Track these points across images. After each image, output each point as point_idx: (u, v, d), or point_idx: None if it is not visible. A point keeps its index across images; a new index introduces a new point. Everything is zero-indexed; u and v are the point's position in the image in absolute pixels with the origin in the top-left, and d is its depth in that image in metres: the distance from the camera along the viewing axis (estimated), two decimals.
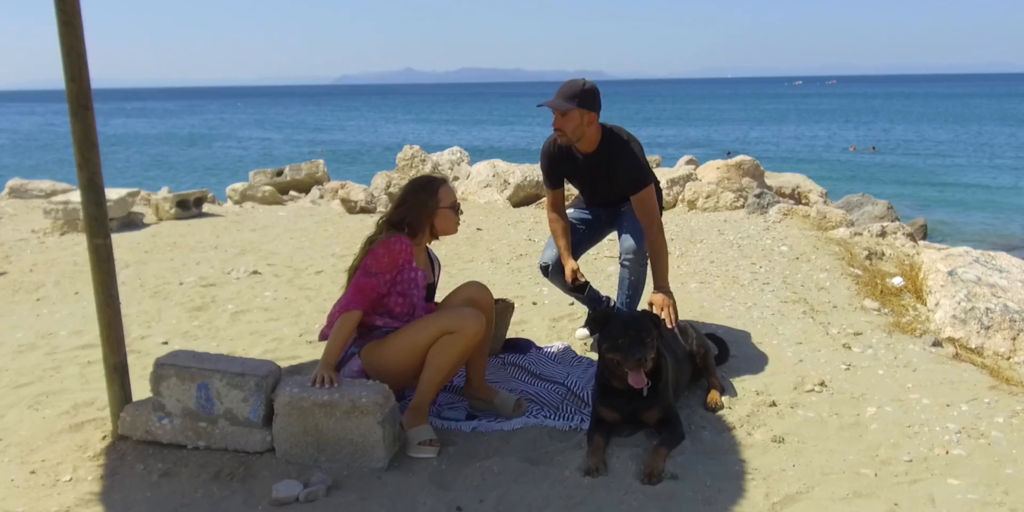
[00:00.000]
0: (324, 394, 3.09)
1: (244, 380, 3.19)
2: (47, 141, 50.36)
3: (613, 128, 4.03)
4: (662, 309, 3.74)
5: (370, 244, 3.34)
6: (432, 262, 3.60)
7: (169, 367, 3.26)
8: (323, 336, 3.40)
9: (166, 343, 4.52)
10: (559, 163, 4.18)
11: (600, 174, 4.08)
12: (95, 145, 3.29)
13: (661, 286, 3.89)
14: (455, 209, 3.45)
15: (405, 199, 3.39)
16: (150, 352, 4.27)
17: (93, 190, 3.31)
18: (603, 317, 3.32)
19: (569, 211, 4.41)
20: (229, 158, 38.55)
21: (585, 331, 4.48)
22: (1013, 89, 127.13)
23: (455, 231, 3.50)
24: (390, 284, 3.30)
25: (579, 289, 4.20)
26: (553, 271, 4.25)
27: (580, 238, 4.32)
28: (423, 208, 3.36)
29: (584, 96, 3.84)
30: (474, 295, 3.47)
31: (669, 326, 3.65)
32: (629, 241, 4.06)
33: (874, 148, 35.26)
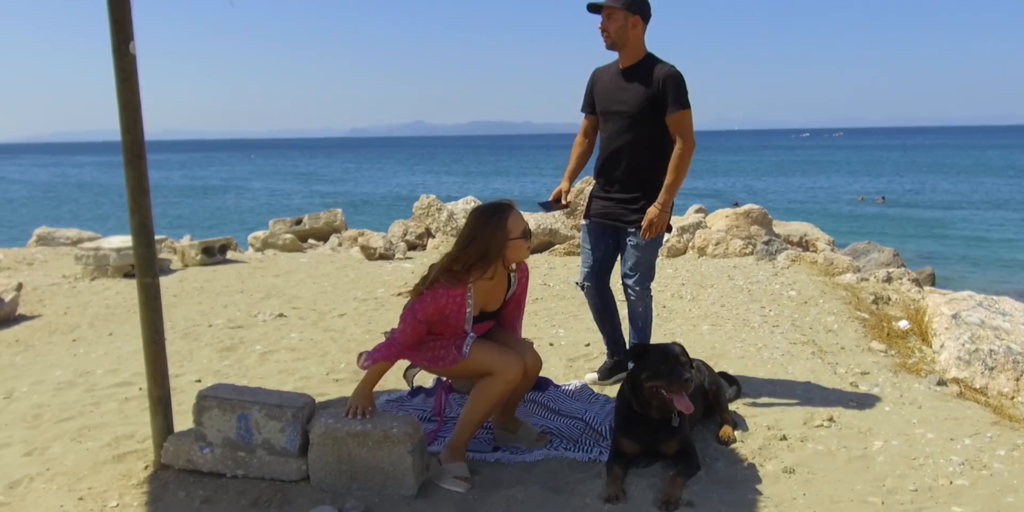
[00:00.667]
0: (357, 425, 3.27)
1: (282, 411, 3.37)
2: (65, 192, 51.32)
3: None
4: (649, 221, 3.95)
5: (429, 284, 3.36)
6: (510, 284, 3.54)
7: (211, 399, 3.45)
8: (367, 360, 3.45)
9: (199, 381, 4.71)
10: (599, 79, 4.27)
11: (634, 88, 4.06)
12: (147, 192, 3.54)
13: (661, 203, 4.02)
14: (526, 237, 3.35)
15: (474, 235, 3.29)
16: (184, 389, 4.46)
17: (144, 233, 3.54)
18: (641, 349, 3.50)
19: (583, 223, 4.47)
20: (241, 208, 39.19)
21: (595, 376, 4.59)
22: (1021, 141, 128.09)
23: (527, 257, 3.46)
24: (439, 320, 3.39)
25: (549, 207, 4.34)
26: (588, 290, 4.42)
27: (605, 252, 4.38)
28: (492, 242, 3.25)
29: (633, 0, 3.96)
30: (528, 362, 3.52)
31: (642, 234, 3.95)
32: (625, 268, 4.25)
33: (883, 198, 35.58)
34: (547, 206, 4.35)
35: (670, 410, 3.34)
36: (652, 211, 4.02)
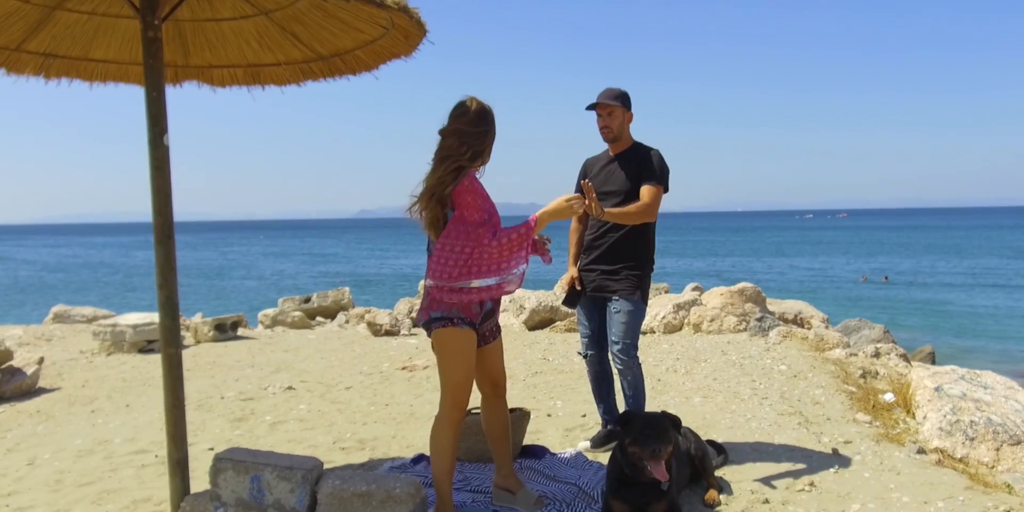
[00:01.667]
0: (362, 485, 3.50)
1: (292, 473, 3.61)
2: (73, 272, 51.99)
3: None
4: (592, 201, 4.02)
5: (458, 172, 3.44)
6: None
7: (227, 461, 3.69)
8: (428, 306, 3.53)
9: (211, 449, 4.95)
10: (591, 168, 4.72)
11: (626, 170, 4.52)
12: (174, 269, 3.90)
13: (609, 211, 4.20)
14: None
15: (488, 128, 3.53)
16: (197, 457, 4.68)
17: (170, 306, 3.88)
18: (628, 416, 3.76)
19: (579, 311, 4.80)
20: (250, 288, 39.63)
21: (587, 444, 4.81)
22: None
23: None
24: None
25: (572, 300, 4.65)
26: (590, 358, 4.73)
27: (599, 323, 4.68)
28: (492, 136, 3.56)
29: (625, 97, 4.51)
30: (497, 380, 3.81)
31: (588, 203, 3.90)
32: (611, 337, 4.53)
33: (886, 278, 35.89)
34: (571, 302, 4.72)
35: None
36: (608, 210, 4.21)
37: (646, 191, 4.43)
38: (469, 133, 3.47)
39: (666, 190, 4.54)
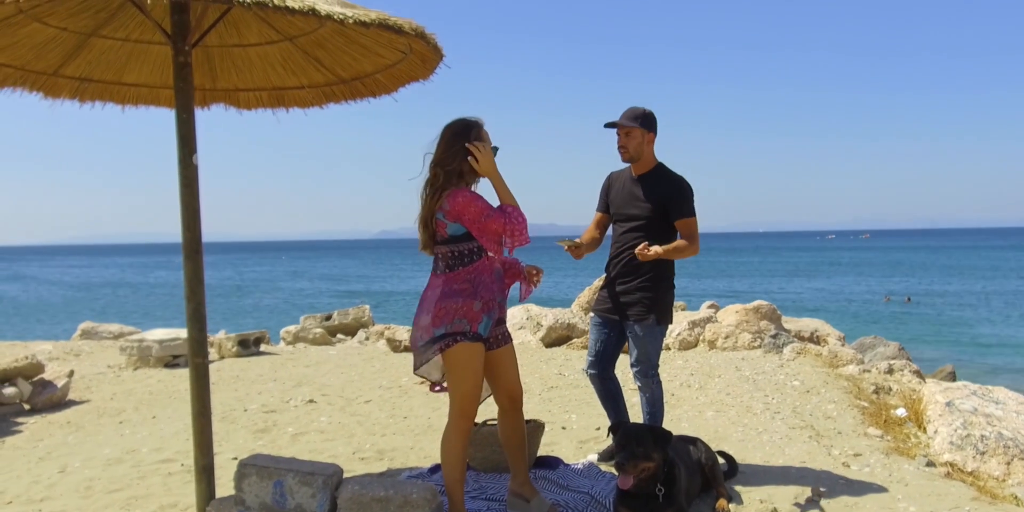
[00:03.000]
0: (380, 490, 3.63)
1: (313, 478, 3.75)
2: (95, 291, 52.79)
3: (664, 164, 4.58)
4: (646, 248, 4.23)
5: (439, 191, 3.55)
6: None
7: (251, 467, 3.84)
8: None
9: (235, 458, 5.09)
10: (614, 183, 4.72)
11: (648, 196, 4.48)
12: (202, 282, 4.06)
13: (663, 250, 4.30)
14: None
15: (452, 143, 3.56)
16: (221, 465, 4.81)
17: (198, 318, 4.05)
18: (618, 426, 3.89)
19: (590, 315, 4.88)
20: (271, 306, 40.02)
21: (595, 456, 4.92)
22: None
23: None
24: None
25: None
26: (592, 377, 4.78)
27: (606, 343, 4.71)
28: (465, 151, 3.54)
29: (646, 118, 4.45)
30: (514, 393, 3.90)
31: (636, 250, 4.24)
32: (631, 359, 4.60)
33: (909, 298, 35.62)
34: (565, 240, 4.68)
35: (651, 483, 3.66)
36: (656, 249, 4.31)
37: (685, 226, 4.45)
38: (443, 158, 3.57)
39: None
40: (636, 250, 4.32)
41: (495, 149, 3.63)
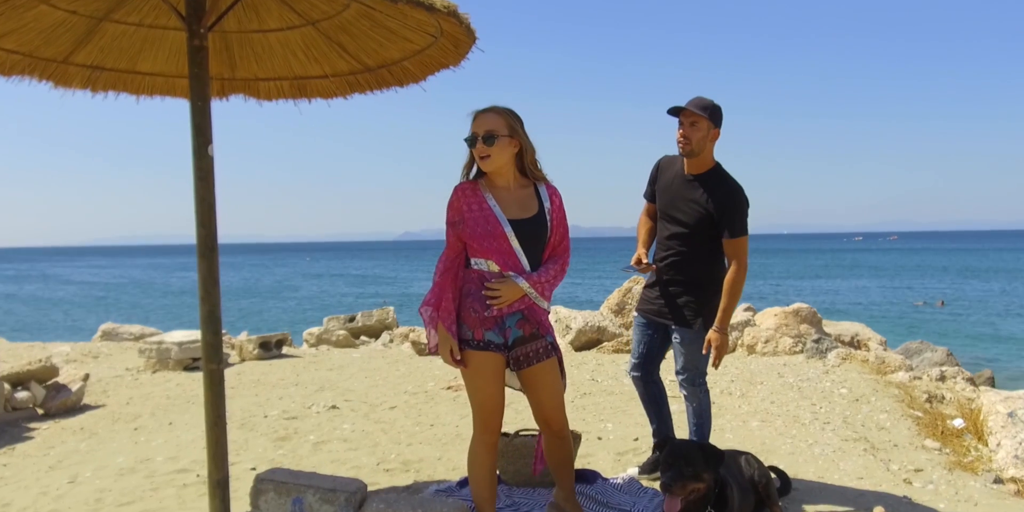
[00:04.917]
0: (407, 508, 3.35)
1: (335, 495, 3.47)
2: (119, 291, 53.18)
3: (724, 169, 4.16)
4: (714, 348, 3.97)
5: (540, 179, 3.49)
6: (541, 200, 3.43)
7: (268, 482, 3.58)
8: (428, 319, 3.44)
9: (254, 469, 4.83)
10: (663, 171, 4.30)
11: (700, 201, 4.07)
12: (217, 282, 3.78)
13: (719, 327, 4.01)
14: (469, 143, 3.35)
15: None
16: (239, 477, 4.57)
17: (212, 321, 3.77)
18: (664, 441, 3.54)
19: (634, 315, 4.53)
20: (290, 308, 40.04)
21: (636, 469, 4.58)
22: None
23: (483, 166, 3.38)
24: (467, 229, 3.34)
25: (634, 269, 4.35)
26: (635, 380, 4.48)
27: (650, 345, 4.41)
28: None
29: (714, 111, 3.99)
30: (549, 419, 3.55)
31: (713, 365, 4.05)
32: (677, 366, 4.28)
33: (942, 302, 34.90)
34: (629, 269, 4.42)
35: (701, 506, 3.32)
36: (713, 337, 4.02)
37: (733, 246, 4.04)
38: (530, 145, 3.44)
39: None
40: (711, 367, 4.17)
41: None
